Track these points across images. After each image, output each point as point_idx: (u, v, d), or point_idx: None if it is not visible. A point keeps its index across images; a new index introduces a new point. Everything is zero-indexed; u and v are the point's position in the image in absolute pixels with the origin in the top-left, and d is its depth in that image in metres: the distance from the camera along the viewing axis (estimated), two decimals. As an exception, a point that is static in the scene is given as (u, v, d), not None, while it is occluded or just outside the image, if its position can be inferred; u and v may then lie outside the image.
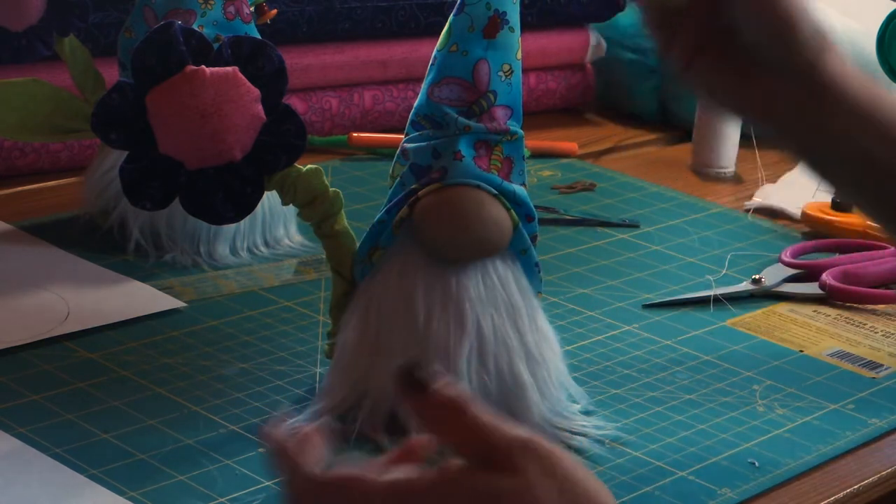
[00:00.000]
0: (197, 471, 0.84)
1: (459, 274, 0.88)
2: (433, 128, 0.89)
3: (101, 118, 0.86)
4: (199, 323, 1.02)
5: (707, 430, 0.93)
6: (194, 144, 0.86)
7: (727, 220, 1.29)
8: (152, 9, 1.10)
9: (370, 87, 1.45)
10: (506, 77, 0.89)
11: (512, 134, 0.89)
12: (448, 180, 0.88)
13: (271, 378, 0.95)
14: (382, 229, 0.89)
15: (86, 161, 1.23)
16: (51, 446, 0.86)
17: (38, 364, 0.95)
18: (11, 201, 1.22)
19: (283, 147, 0.87)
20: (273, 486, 0.83)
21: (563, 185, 1.35)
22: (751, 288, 1.14)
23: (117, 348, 0.98)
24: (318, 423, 0.81)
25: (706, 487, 0.87)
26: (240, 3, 1.11)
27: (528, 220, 0.90)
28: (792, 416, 0.96)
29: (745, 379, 1.00)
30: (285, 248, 1.16)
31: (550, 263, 1.16)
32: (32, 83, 1.10)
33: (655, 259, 1.20)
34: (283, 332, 1.02)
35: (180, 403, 0.92)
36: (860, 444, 0.93)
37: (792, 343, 1.06)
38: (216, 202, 0.87)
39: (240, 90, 0.86)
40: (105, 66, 1.15)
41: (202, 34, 0.87)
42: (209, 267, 1.11)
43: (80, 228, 1.15)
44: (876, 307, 1.13)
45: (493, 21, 0.89)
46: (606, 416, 0.93)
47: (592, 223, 1.26)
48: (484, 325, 0.88)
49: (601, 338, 1.05)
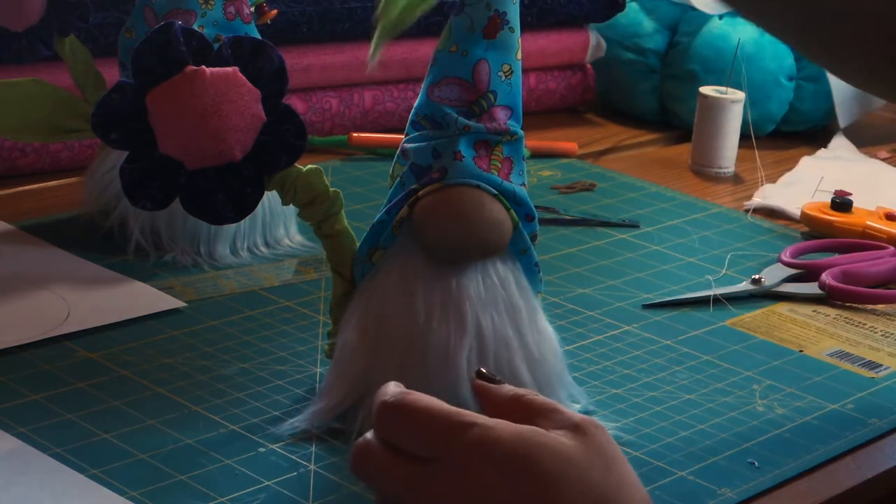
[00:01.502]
0: (197, 471, 0.84)
1: (459, 274, 0.88)
2: (433, 128, 0.89)
3: (102, 118, 0.86)
4: (199, 323, 1.02)
5: (707, 430, 0.93)
6: (194, 144, 0.86)
7: (727, 220, 1.29)
8: (153, 9, 1.10)
9: (370, 87, 1.45)
10: (506, 77, 0.90)
11: (512, 134, 0.90)
12: (448, 180, 0.88)
13: (271, 378, 0.95)
14: (382, 229, 0.89)
15: (86, 161, 1.23)
16: (51, 446, 0.86)
17: (38, 364, 0.95)
18: (12, 201, 1.22)
19: (284, 147, 0.87)
20: (273, 486, 0.83)
21: (563, 185, 1.36)
22: (750, 288, 1.14)
23: (117, 348, 0.98)
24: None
25: (706, 487, 0.87)
26: (240, 4, 1.11)
27: (529, 220, 0.90)
28: (792, 416, 0.96)
29: (745, 379, 1.00)
30: (285, 248, 1.16)
31: (550, 263, 1.16)
32: (33, 83, 1.10)
33: (655, 259, 1.20)
34: (283, 332, 1.02)
35: (180, 403, 0.92)
36: (860, 444, 0.93)
37: (792, 343, 1.06)
38: (216, 202, 0.87)
39: (240, 90, 0.86)
40: (105, 66, 1.15)
41: (202, 34, 0.87)
42: (209, 267, 1.11)
43: (80, 228, 1.15)
44: (876, 307, 1.13)
45: (493, 21, 0.89)
46: (606, 416, 0.93)
47: (592, 223, 1.26)
48: (484, 325, 0.88)
49: (601, 338, 1.05)
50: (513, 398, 0.71)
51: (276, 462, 0.86)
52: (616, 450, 0.70)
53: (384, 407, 0.69)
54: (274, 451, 0.87)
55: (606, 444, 0.69)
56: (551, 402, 0.71)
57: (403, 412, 0.69)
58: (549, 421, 0.69)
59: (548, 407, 0.70)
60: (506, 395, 0.72)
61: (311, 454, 0.87)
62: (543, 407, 0.70)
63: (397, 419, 0.69)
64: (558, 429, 0.69)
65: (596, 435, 0.69)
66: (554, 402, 0.71)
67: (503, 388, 0.72)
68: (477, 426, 0.68)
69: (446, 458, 0.67)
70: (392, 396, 0.69)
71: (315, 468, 0.86)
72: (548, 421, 0.69)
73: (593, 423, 0.70)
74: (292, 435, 0.88)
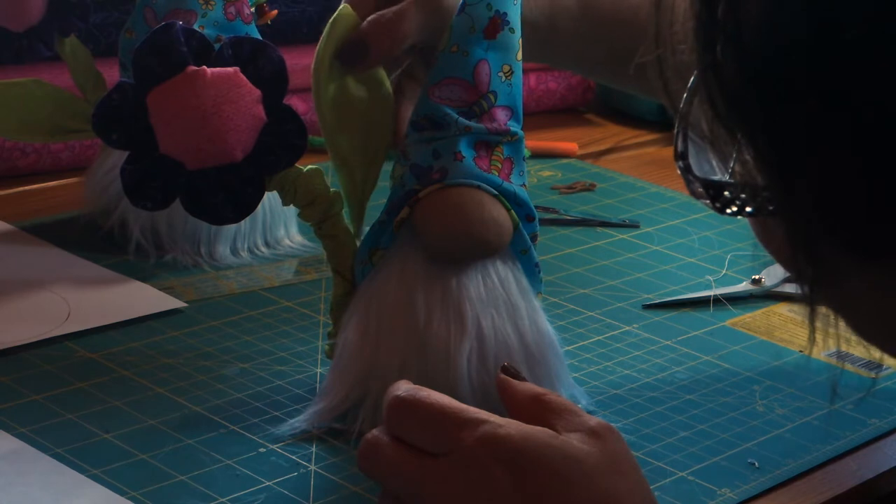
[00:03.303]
0: (197, 471, 0.84)
1: (459, 274, 0.88)
2: (433, 128, 0.89)
3: (102, 118, 0.86)
4: (199, 323, 1.02)
5: (707, 430, 0.93)
6: (195, 145, 0.86)
7: (727, 220, 1.29)
8: (153, 9, 1.10)
9: (370, 87, 1.44)
10: (506, 78, 0.90)
11: (512, 135, 0.90)
12: (449, 181, 0.88)
13: (271, 378, 0.95)
14: (383, 230, 0.89)
15: (87, 161, 1.23)
16: (51, 446, 0.86)
17: (38, 364, 0.95)
18: (12, 201, 1.22)
19: (284, 147, 0.87)
20: (273, 486, 0.83)
21: (563, 185, 1.36)
22: (751, 288, 1.14)
23: (118, 348, 0.98)
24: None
25: (706, 487, 0.87)
26: (241, 4, 1.11)
27: (529, 220, 0.90)
28: (792, 416, 0.96)
29: (745, 379, 1.00)
30: (286, 249, 1.16)
31: (550, 263, 1.16)
32: (33, 84, 1.10)
33: (655, 259, 1.20)
34: (283, 332, 1.02)
35: (180, 403, 0.92)
36: (860, 444, 0.93)
37: (792, 343, 1.06)
38: (217, 202, 0.87)
39: (241, 91, 0.86)
40: (106, 66, 1.15)
41: (203, 35, 0.87)
42: (210, 267, 1.11)
43: (81, 229, 1.15)
44: (876, 307, 1.13)
45: (493, 22, 0.89)
46: (606, 416, 0.93)
47: (592, 223, 1.27)
48: (484, 325, 0.88)
49: (601, 338, 1.05)
50: (533, 397, 0.72)
51: (277, 462, 0.86)
52: (630, 456, 0.70)
53: (396, 401, 0.69)
54: (274, 452, 0.87)
55: (620, 449, 0.70)
56: (570, 405, 0.71)
57: (415, 406, 0.69)
58: (565, 422, 0.70)
59: (566, 409, 0.71)
60: (526, 392, 0.72)
61: (311, 454, 0.87)
62: (562, 408, 0.71)
63: (409, 413, 0.69)
64: (574, 431, 0.69)
65: (610, 440, 0.69)
66: (573, 405, 0.71)
67: (525, 385, 0.73)
68: (487, 423, 0.68)
69: (456, 453, 0.68)
70: (405, 391, 0.70)
71: (315, 468, 0.86)
72: (564, 422, 0.70)
73: (609, 428, 0.70)
74: (293, 435, 0.88)
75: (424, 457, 0.69)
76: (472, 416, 0.69)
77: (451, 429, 0.68)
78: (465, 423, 0.68)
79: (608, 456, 0.68)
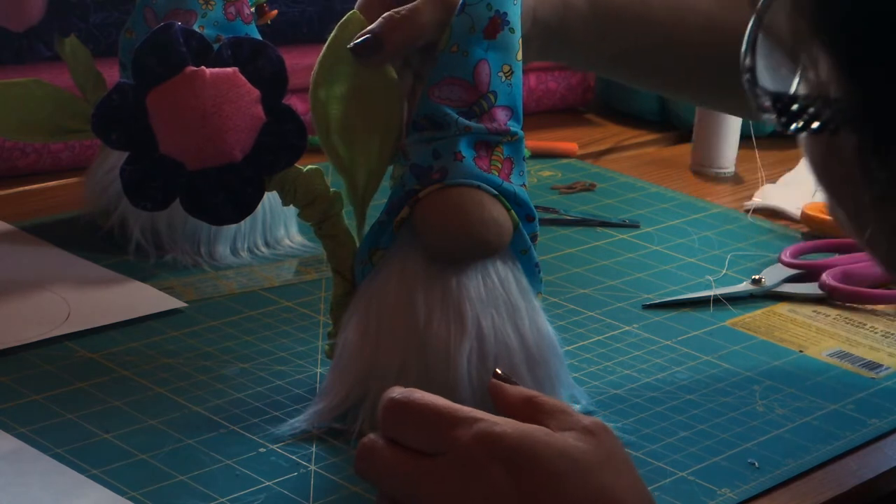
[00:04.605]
0: (197, 471, 0.84)
1: (459, 274, 0.88)
2: (433, 128, 0.89)
3: (102, 119, 0.86)
4: (199, 323, 1.02)
5: (707, 430, 0.93)
6: (195, 145, 0.86)
7: (727, 221, 1.29)
8: (153, 9, 1.11)
9: (370, 87, 1.44)
10: (506, 78, 0.90)
11: (512, 135, 0.90)
12: (449, 181, 0.88)
13: (271, 378, 0.95)
14: (383, 230, 0.89)
15: (87, 161, 1.23)
16: (51, 446, 0.86)
17: (38, 364, 0.95)
18: (12, 201, 1.23)
19: (284, 147, 0.87)
20: (273, 486, 0.83)
21: (563, 185, 1.36)
22: (751, 288, 1.14)
23: (118, 348, 0.98)
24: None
25: (706, 487, 0.87)
26: (240, 4, 1.11)
27: (529, 220, 0.90)
28: (792, 417, 0.96)
29: (745, 379, 1.00)
30: (286, 249, 1.16)
31: (550, 263, 1.16)
32: (33, 84, 1.10)
33: (655, 259, 1.20)
34: (283, 332, 1.02)
35: (180, 403, 0.92)
36: (860, 444, 0.93)
37: (792, 343, 1.06)
38: (217, 203, 0.87)
39: (240, 91, 0.86)
40: (106, 66, 1.15)
41: (202, 35, 0.87)
42: (210, 267, 1.11)
43: (80, 229, 1.15)
44: (876, 307, 1.13)
45: (493, 22, 0.89)
46: (606, 416, 0.93)
47: (592, 223, 1.27)
48: (484, 325, 0.88)
49: (601, 338, 1.05)
50: (525, 399, 0.72)
51: (277, 462, 0.86)
52: (625, 454, 0.70)
53: (391, 403, 0.70)
54: (274, 452, 0.87)
55: (615, 447, 0.70)
56: (562, 405, 0.71)
57: (409, 408, 0.69)
58: (559, 422, 0.70)
59: (558, 409, 0.71)
60: (518, 395, 0.73)
61: (311, 454, 0.87)
62: (554, 408, 0.71)
63: (404, 414, 0.69)
64: (568, 430, 0.69)
65: (605, 437, 0.69)
66: (565, 405, 0.72)
67: (516, 388, 0.73)
68: (482, 421, 0.68)
69: (451, 453, 0.68)
70: (399, 394, 0.70)
71: (315, 468, 0.86)
72: (558, 422, 0.70)
73: (603, 426, 0.70)
74: (293, 435, 0.88)
75: (420, 457, 0.69)
76: (467, 415, 0.69)
77: (445, 428, 0.68)
78: (459, 423, 0.68)
79: (603, 453, 0.69)
